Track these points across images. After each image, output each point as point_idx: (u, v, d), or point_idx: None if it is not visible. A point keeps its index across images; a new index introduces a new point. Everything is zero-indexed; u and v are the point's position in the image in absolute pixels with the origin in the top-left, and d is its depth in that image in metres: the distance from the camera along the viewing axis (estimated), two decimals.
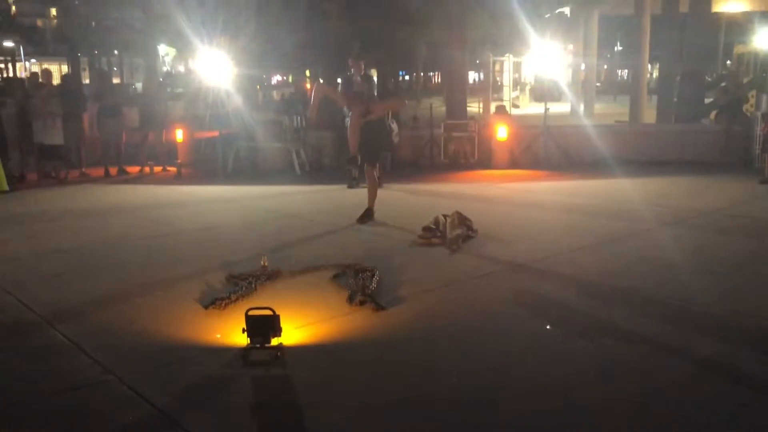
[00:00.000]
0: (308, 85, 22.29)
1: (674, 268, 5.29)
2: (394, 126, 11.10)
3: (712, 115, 15.80)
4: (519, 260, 5.59)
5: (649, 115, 18.80)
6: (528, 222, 7.31)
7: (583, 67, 26.80)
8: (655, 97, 18.24)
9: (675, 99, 16.42)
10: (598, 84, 31.10)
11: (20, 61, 44.98)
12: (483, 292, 4.87)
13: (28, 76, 14.58)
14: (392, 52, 20.97)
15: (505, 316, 4.36)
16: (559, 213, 7.78)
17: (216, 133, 12.17)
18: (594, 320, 4.23)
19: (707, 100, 16.73)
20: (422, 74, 53.78)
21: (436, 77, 61.62)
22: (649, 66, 26.15)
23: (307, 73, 24.34)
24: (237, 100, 12.61)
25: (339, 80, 8.52)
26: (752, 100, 14.74)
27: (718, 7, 20.93)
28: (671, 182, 9.73)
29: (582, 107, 23.21)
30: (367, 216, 7.29)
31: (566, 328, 4.10)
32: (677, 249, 5.86)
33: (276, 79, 46.70)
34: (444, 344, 3.94)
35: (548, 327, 4.16)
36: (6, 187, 9.94)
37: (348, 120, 7.44)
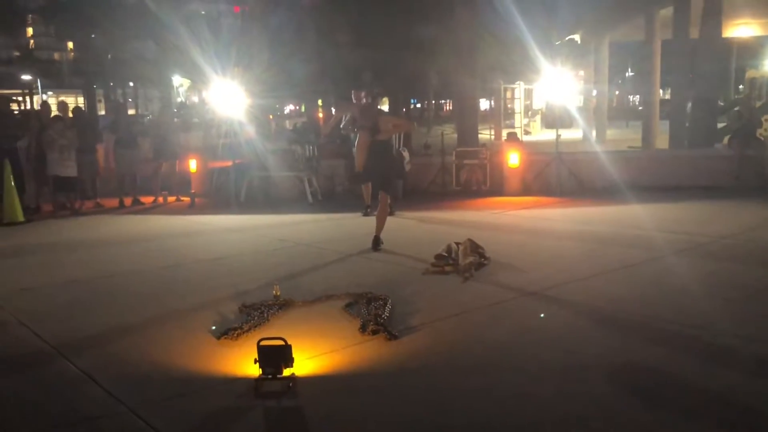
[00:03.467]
0: (320, 114, 22.47)
1: (688, 296, 5.24)
2: (406, 154, 11.17)
3: (726, 139, 15.77)
4: (532, 288, 5.55)
5: (662, 141, 18.77)
6: (541, 249, 7.28)
7: (594, 93, 26.86)
8: (667, 123, 18.22)
9: (687, 124, 16.41)
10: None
11: (37, 93, 45.74)
12: (496, 321, 4.84)
13: (40, 107, 14.79)
14: (403, 80, 21.15)
15: (518, 345, 4.32)
16: (571, 240, 7.75)
17: (229, 163, 12.26)
18: (608, 349, 4.18)
19: (720, 125, 16.70)
20: (433, 102, 54.11)
21: (448, 105, 62.02)
22: (661, 91, 26.17)
23: (320, 102, 24.57)
24: (250, 130, 12.72)
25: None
26: (765, 125, 14.71)
27: (729, 32, 20.99)
28: (684, 208, 9.68)
29: (594, 133, 23.22)
30: (375, 244, 7.30)
31: (580, 359, 4.05)
32: (691, 276, 5.81)
33: (289, 108, 47.15)
34: (458, 374, 3.90)
35: (561, 356, 4.11)
36: (22, 218, 10.04)
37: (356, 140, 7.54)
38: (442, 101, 61.84)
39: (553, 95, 15.12)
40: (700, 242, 7.24)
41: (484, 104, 41.37)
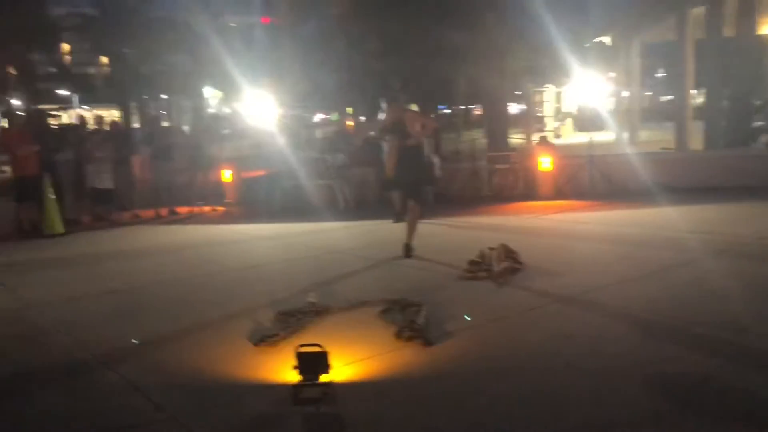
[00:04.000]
0: (350, 123, 22.58)
1: (726, 299, 5.15)
2: (436, 160, 11.19)
3: (765, 138, 15.46)
4: (567, 293, 5.52)
5: (696, 142, 18.48)
6: (575, 253, 7.23)
7: (626, 95, 26.54)
8: (701, 124, 17.95)
9: (723, 124, 16.14)
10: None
11: (74, 108, 46.73)
12: (532, 327, 4.82)
13: (76, 122, 15.13)
14: (432, 86, 21.16)
15: (554, 351, 4.29)
16: (606, 243, 7.67)
17: (262, 173, 12.40)
18: (644, 354, 4.14)
19: (757, 124, 16.39)
20: (463, 107, 53.94)
21: (477, 110, 61.75)
22: (694, 92, 25.77)
23: (350, 110, 24.70)
24: (281, 140, 12.86)
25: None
26: None
27: (764, 30, 20.60)
28: (721, 209, 9.51)
29: (626, 135, 22.94)
30: (407, 251, 7.28)
31: (616, 363, 4.02)
32: (728, 279, 5.70)
33: (319, 117, 47.45)
34: (495, 380, 3.89)
35: (597, 362, 4.08)
36: (62, 230, 10.27)
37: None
38: (472, 106, 61.64)
39: (584, 98, 15.00)
40: (738, 243, 7.12)
41: (513, 108, 41.15)
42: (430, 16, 16.78)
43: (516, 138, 21.48)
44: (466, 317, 4.97)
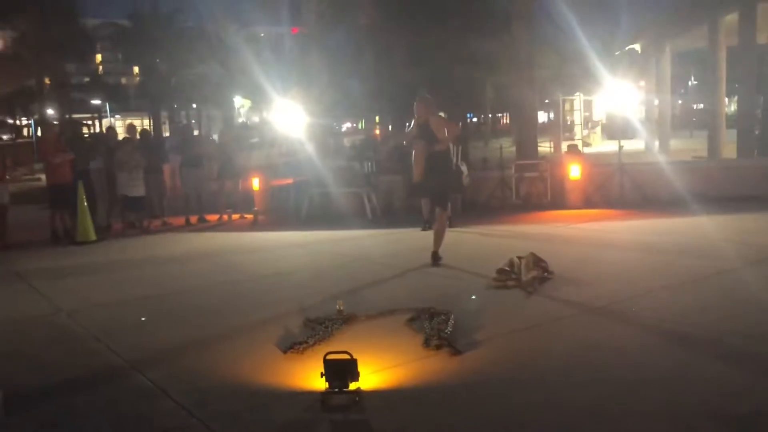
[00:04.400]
0: (377, 131, 22.64)
1: (761, 310, 5.05)
2: (464, 168, 11.14)
3: None
4: (597, 303, 5.46)
5: (728, 150, 18.20)
6: (605, 263, 7.14)
7: (657, 103, 26.27)
8: (733, 132, 17.68)
9: (756, 132, 15.89)
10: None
11: (106, 117, 47.57)
12: (562, 337, 4.77)
13: (107, 130, 15.38)
14: (460, 95, 21.18)
15: (584, 361, 4.25)
16: (636, 252, 7.58)
17: (290, 181, 12.48)
18: (676, 366, 4.08)
19: None
20: (490, 116, 53.84)
21: (505, 118, 61.61)
22: (726, 100, 25.41)
23: (377, 119, 24.79)
24: (309, 148, 12.94)
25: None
26: None
27: None
28: (755, 219, 9.34)
29: (657, 144, 22.69)
30: (435, 260, 7.26)
31: (646, 375, 3.96)
32: (764, 289, 5.60)
33: (346, 126, 47.69)
34: (523, 390, 3.86)
35: (627, 373, 4.02)
36: (94, 237, 10.43)
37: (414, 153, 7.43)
38: (499, 114, 61.50)
39: (614, 106, 14.87)
40: None
41: (542, 116, 40.98)
42: (457, 26, 16.80)
43: (545, 146, 21.38)
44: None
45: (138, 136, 12.37)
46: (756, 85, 16.84)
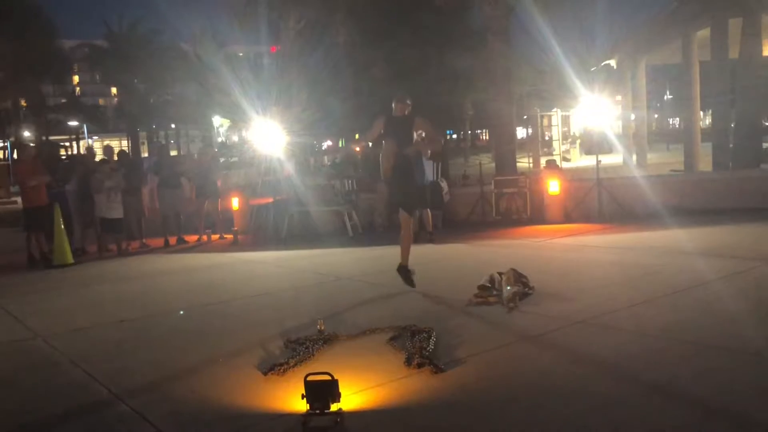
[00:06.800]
0: (358, 149, 22.66)
1: (740, 323, 5.07)
2: (444, 184, 11.19)
3: None
4: (578, 317, 5.47)
5: (705, 163, 18.45)
6: (585, 277, 7.17)
7: (633, 117, 26.62)
8: (708, 145, 17.94)
9: (731, 145, 16.13)
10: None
11: (84, 138, 47.19)
12: (543, 352, 4.77)
13: (85, 151, 15.25)
14: (439, 112, 21.29)
15: (567, 376, 4.24)
16: (616, 267, 7.62)
17: (270, 200, 12.42)
18: (659, 379, 4.08)
19: (766, 145, 16.38)
20: (469, 132, 54.21)
21: (484, 134, 62.05)
22: (701, 113, 25.81)
23: (357, 137, 24.81)
24: (289, 167, 12.91)
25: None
26: None
27: None
28: (731, 231, 9.44)
29: (634, 158, 22.96)
30: (404, 274, 6.78)
31: (630, 389, 3.97)
32: (742, 302, 5.63)
33: (327, 144, 47.72)
34: (506, 407, 3.85)
35: (610, 387, 4.02)
36: (71, 260, 10.30)
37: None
38: (479, 131, 61.94)
39: (591, 121, 15.03)
40: (750, 266, 7.05)
41: (521, 132, 41.30)
42: (436, 43, 16.92)
43: (523, 162, 21.52)
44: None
45: (116, 157, 12.27)
46: (729, 99, 17.12)
